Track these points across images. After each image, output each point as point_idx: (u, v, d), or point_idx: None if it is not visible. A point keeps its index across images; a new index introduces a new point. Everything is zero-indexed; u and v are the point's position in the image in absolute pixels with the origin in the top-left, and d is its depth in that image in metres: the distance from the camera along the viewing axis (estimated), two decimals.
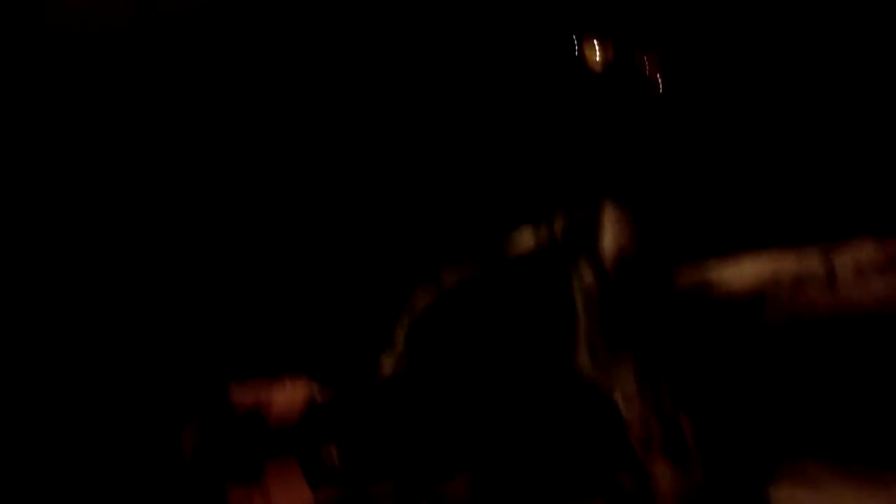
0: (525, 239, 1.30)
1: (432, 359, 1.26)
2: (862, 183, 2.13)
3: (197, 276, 2.64)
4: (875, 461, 1.11)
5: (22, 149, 2.71)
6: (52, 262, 2.63)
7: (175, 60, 2.65)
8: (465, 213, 2.33)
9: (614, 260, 1.07)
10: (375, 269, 2.42)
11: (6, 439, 2.52)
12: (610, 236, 1.23)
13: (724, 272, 1.26)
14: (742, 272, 1.24)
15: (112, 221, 2.64)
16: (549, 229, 1.28)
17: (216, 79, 2.67)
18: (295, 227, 2.73)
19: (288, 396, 1.18)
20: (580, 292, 1.04)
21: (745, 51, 2.18)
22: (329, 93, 2.56)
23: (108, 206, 2.66)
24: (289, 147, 2.53)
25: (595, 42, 1.76)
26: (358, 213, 2.60)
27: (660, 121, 1.95)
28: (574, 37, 1.81)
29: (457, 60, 2.27)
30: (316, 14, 2.59)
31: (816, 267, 1.20)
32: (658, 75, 1.81)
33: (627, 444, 1.09)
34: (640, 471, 1.10)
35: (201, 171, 2.66)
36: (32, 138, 2.69)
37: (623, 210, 1.25)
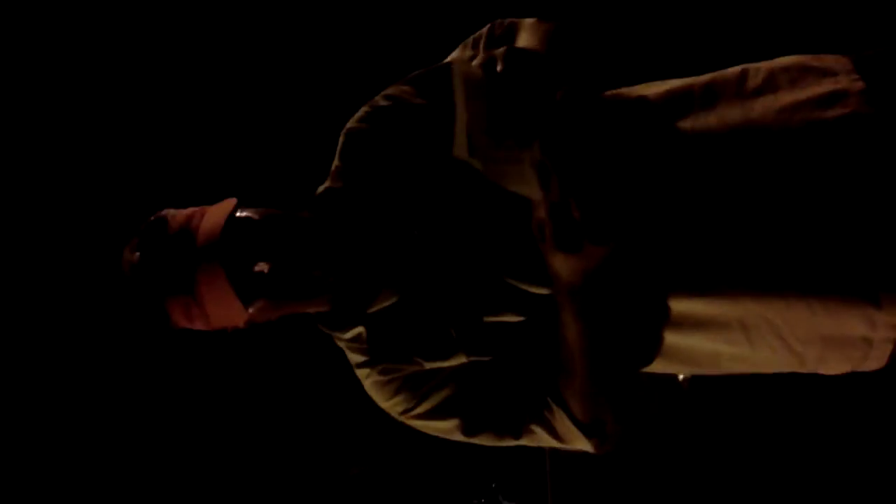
0: (461, 54, 1.33)
1: (365, 175, 1.29)
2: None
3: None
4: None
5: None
6: None
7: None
8: None
9: (510, 57, 1.01)
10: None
11: None
12: (521, 40, 1.25)
13: (640, 87, 1.28)
14: (657, 85, 1.27)
15: None
16: (479, 43, 1.31)
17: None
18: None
19: (213, 214, 1.21)
20: (460, 80, 0.99)
21: None
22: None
23: None
24: None
25: None
26: None
27: None
28: None
29: None
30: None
31: (730, 75, 1.23)
32: None
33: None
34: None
35: None
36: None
37: (542, 22, 1.27)
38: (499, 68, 0.99)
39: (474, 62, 1.02)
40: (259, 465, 3.13)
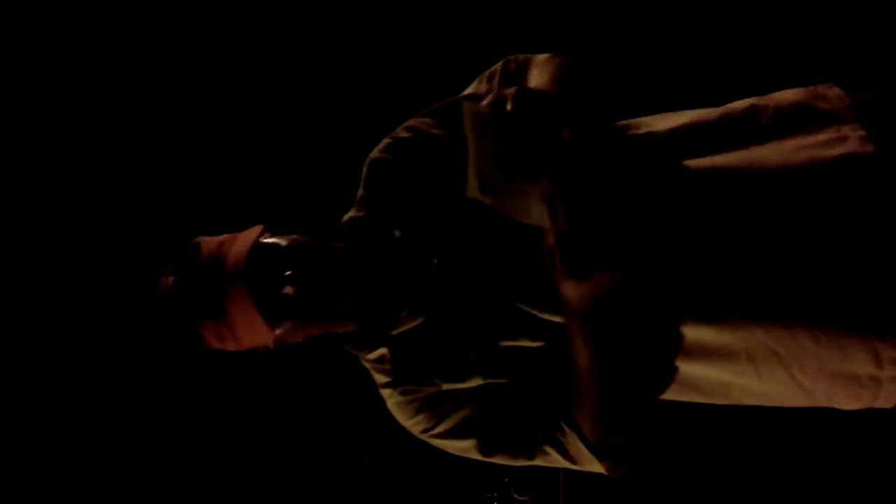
0: (476, 88, 1.38)
1: (387, 204, 1.35)
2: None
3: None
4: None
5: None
6: None
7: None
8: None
9: (520, 97, 1.04)
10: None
11: None
12: (533, 77, 1.29)
13: (651, 119, 1.33)
14: (668, 118, 1.31)
15: None
16: (494, 78, 1.35)
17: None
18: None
19: (241, 240, 1.28)
20: (470, 120, 1.02)
21: None
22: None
23: None
24: None
25: None
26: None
27: None
28: None
29: None
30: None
31: (737, 114, 1.27)
32: None
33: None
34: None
35: None
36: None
37: (554, 58, 1.30)
38: (508, 107, 1.03)
39: (485, 101, 1.06)
40: (270, 457, 3.15)
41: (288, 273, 1.24)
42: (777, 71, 2.33)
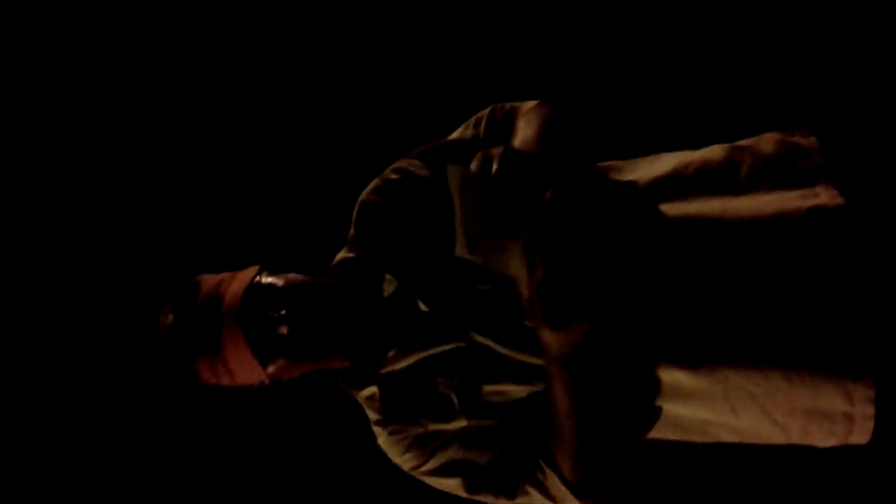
0: (462, 133, 1.42)
1: (376, 245, 1.39)
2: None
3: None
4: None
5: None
6: None
7: None
8: None
9: (505, 159, 1.08)
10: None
11: None
12: (520, 128, 1.32)
13: (633, 162, 1.37)
14: (650, 161, 1.35)
15: None
16: (480, 125, 1.39)
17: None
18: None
19: (238, 280, 1.32)
20: (456, 182, 1.07)
21: None
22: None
23: None
24: None
25: None
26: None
27: None
28: None
29: None
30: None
31: (715, 164, 1.31)
32: None
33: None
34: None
35: None
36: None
37: (540, 108, 1.33)
38: (494, 168, 1.07)
39: (473, 165, 1.09)
40: (251, 466, 3.15)
41: (282, 313, 1.28)
42: (757, 105, 2.41)
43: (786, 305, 1.19)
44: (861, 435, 1.23)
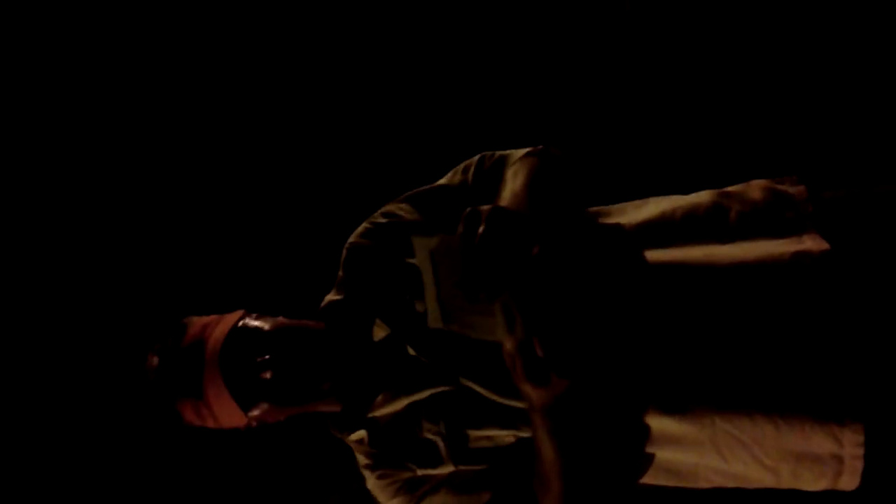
0: (451, 179, 1.42)
1: (363, 289, 1.39)
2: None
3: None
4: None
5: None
6: None
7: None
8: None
9: (492, 219, 1.02)
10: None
11: None
12: (508, 179, 1.31)
13: (621, 207, 1.37)
14: (638, 207, 1.35)
15: None
16: (469, 172, 1.39)
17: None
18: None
19: (223, 324, 1.32)
20: (425, 251, 1.03)
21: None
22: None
23: None
24: None
25: None
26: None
27: None
28: None
29: None
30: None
31: (703, 210, 1.30)
32: None
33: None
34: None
35: None
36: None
37: (528, 159, 1.33)
38: (480, 230, 1.01)
39: (459, 226, 1.03)
40: (237, 499, 3.15)
41: (266, 357, 1.29)
42: (746, 151, 2.43)
43: (770, 350, 1.19)
44: (850, 479, 1.23)
